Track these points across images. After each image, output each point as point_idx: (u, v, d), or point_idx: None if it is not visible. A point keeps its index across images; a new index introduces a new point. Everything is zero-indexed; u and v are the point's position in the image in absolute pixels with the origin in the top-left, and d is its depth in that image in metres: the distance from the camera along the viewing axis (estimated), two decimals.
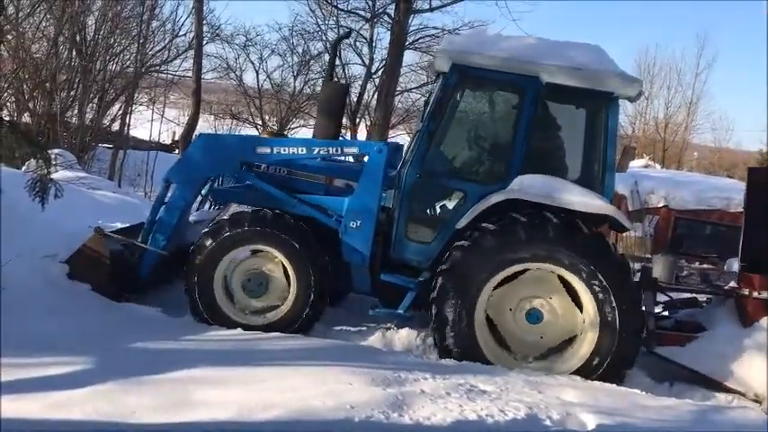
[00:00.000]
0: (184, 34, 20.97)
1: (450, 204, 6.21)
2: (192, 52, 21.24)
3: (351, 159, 6.88)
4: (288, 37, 21.61)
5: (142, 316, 6.19)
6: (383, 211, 6.43)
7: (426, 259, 6.17)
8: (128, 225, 7.14)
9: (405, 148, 7.27)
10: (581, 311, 5.88)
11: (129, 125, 20.47)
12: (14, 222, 6.30)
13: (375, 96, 19.67)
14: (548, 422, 4.38)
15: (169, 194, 6.64)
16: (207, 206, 7.16)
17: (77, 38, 17.27)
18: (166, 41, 20.72)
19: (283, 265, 6.31)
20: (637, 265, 10.08)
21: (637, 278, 6.18)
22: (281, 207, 6.37)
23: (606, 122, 6.10)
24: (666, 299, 7.02)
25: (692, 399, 5.71)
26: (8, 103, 15.27)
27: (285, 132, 21.58)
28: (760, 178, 6.66)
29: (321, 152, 6.49)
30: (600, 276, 5.67)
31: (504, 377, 5.27)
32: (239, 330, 6.10)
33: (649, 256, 13.75)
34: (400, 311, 6.13)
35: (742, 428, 5.01)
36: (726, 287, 6.67)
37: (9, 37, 13.70)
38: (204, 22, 21.42)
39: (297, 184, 6.61)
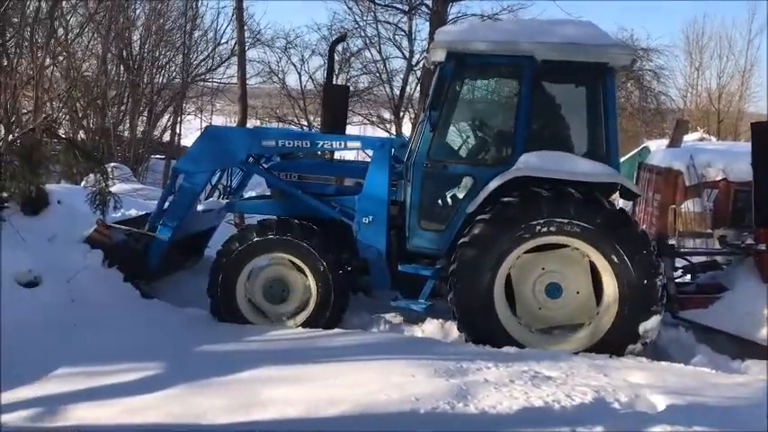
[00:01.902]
0: (226, 42, 21.31)
1: (461, 190, 6.23)
2: (234, 59, 21.60)
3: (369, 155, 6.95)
4: (327, 36, 21.68)
5: (201, 318, 6.35)
6: (394, 204, 6.50)
7: (442, 247, 6.21)
8: (135, 216, 7.37)
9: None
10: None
11: (179, 135, 20.97)
12: (76, 234, 6.57)
13: (417, 89, 19.59)
14: (616, 405, 4.30)
15: (177, 185, 6.83)
16: (216, 195, 7.35)
17: (124, 53, 17.80)
18: (209, 50, 21.10)
19: (303, 271, 6.36)
20: (698, 241, 9.81)
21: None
22: (300, 213, 6.51)
23: (605, 94, 6.09)
24: (686, 264, 6.96)
25: (763, 374, 5.54)
26: (63, 122, 15.83)
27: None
28: (763, 131, 6.53)
29: (325, 145, 6.74)
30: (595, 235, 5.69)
31: (568, 362, 5.21)
32: (300, 329, 6.18)
33: (710, 231, 13.34)
34: (421, 300, 6.19)
35: None
36: (742, 245, 6.55)
37: (60, 58, 14.18)
38: (245, 27, 21.76)
39: (308, 187, 6.73)
